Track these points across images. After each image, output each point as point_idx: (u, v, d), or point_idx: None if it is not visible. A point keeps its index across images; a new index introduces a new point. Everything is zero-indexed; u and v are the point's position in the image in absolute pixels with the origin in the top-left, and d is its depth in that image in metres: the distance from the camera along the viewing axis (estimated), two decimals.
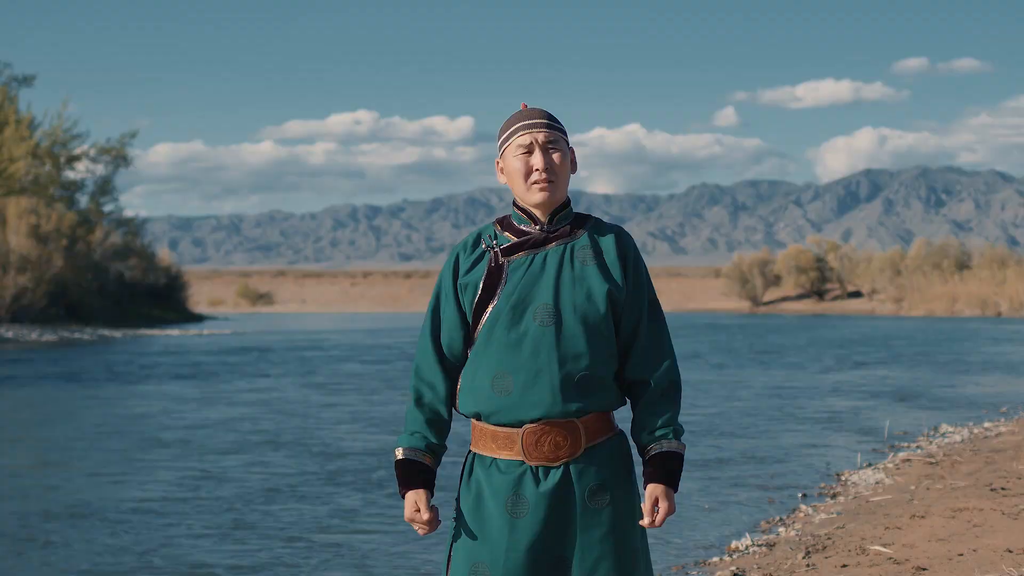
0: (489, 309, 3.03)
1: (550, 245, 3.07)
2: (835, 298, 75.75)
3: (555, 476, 2.99)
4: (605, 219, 3.71)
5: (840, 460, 10.98)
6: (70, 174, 51.84)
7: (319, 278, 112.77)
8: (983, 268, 65.69)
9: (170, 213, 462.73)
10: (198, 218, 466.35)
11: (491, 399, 3.01)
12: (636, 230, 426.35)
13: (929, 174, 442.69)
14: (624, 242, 3.11)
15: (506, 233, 3.10)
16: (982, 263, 67.00)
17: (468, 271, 3.07)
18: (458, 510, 3.09)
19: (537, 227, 3.08)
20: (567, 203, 3.12)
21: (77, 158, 51.53)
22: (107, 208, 53.32)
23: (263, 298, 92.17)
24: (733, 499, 9.05)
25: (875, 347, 30.14)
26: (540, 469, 3.00)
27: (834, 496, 8.99)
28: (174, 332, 43.05)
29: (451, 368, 3.09)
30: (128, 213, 56.65)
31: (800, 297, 76.67)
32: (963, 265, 69.02)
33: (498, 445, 3.02)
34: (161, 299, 56.96)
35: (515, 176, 3.08)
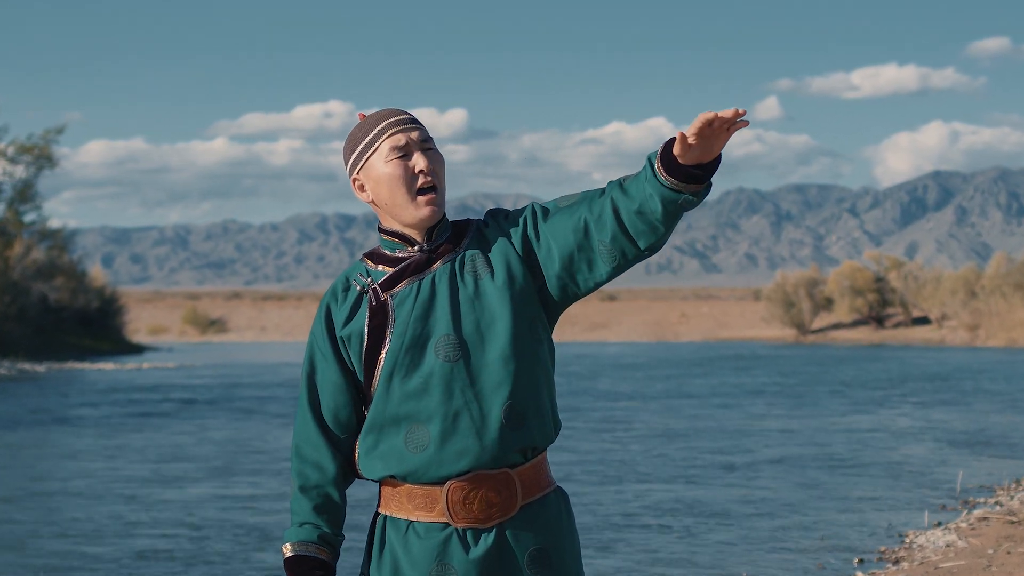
0: (383, 356, 2.99)
1: (435, 265, 3.04)
2: (897, 325, 75.83)
3: (488, 540, 2.97)
4: None
5: (904, 518, 11.00)
6: None
7: (281, 301, 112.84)
8: None
9: (104, 223, 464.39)
10: (137, 229, 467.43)
11: (405, 458, 2.98)
12: None
13: (1010, 177, 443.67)
14: (499, 217, 3.08)
15: (380, 266, 3.07)
16: None
17: (347, 321, 3.04)
18: None
19: (415, 248, 3.05)
20: (443, 214, 3.10)
21: None
22: (28, 218, 53.43)
23: (214, 325, 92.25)
24: (777, 563, 9.07)
25: (945, 383, 30.17)
26: (468, 532, 2.98)
27: (896, 561, 9.00)
28: (108, 366, 43.07)
29: (340, 440, 3.05)
30: (54, 223, 56.81)
31: (856, 324, 76.73)
32: None
33: (415, 506, 2.99)
34: (93, 326, 57.01)
35: (393, 186, 3.02)
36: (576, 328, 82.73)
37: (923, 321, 74.77)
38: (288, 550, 3.03)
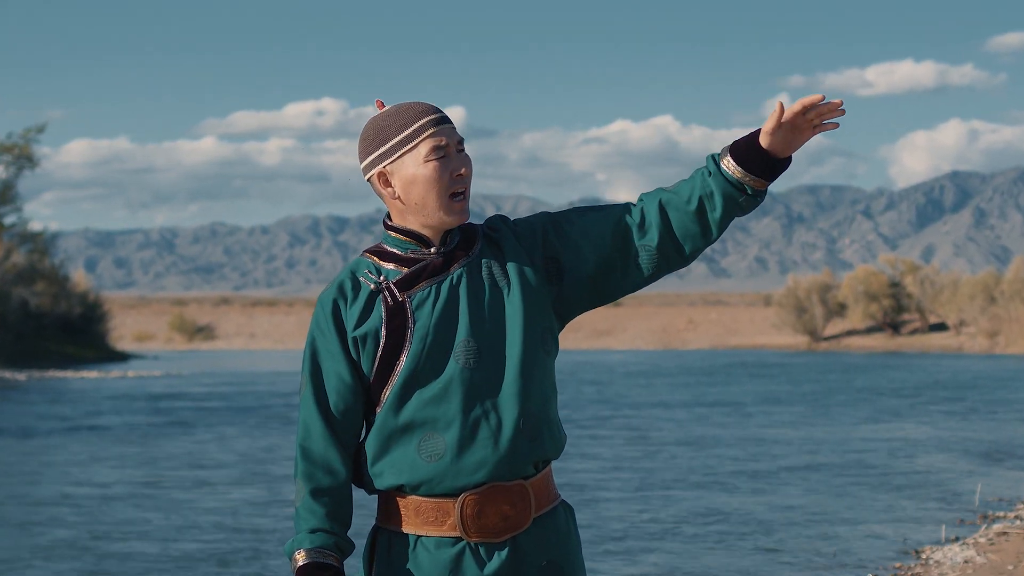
0: (403, 359, 2.99)
1: (452, 268, 3.04)
2: (913, 332, 75.83)
3: (502, 555, 2.98)
4: None
5: (920, 532, 11.02)
6: None
7: (271, 307, 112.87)
8: None
9: (87, 226, 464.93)
10: (122, 232, 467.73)
11: (418, 467, 2.97)
12: None
13: None
14: (508, 224, 3.11)
15: (390, 265, 3.05)
16: None
17: (360, 321, 3.01)
18: None
19: (431, 250, 3.05)
20: None
21: None
22: (8, 220, 53.50)
23: (202, 332, 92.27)
24: None
25: (963, 392, 30.18)
26: (481, 547, 2.98)
27: None
28: (92, 374, 43.06)
29: (349, 443, 3.04)
30: (35, 226, 56.93)
31: (870, 330, 76.74)
32: None
33: (423, 520, 2.99)
34: (75, 333, 57.03)
35: (429, 187, 3.01)
36: (580, 335, 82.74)
37: (940, 327, 74.77)
38: (302, 558, 2.98)
